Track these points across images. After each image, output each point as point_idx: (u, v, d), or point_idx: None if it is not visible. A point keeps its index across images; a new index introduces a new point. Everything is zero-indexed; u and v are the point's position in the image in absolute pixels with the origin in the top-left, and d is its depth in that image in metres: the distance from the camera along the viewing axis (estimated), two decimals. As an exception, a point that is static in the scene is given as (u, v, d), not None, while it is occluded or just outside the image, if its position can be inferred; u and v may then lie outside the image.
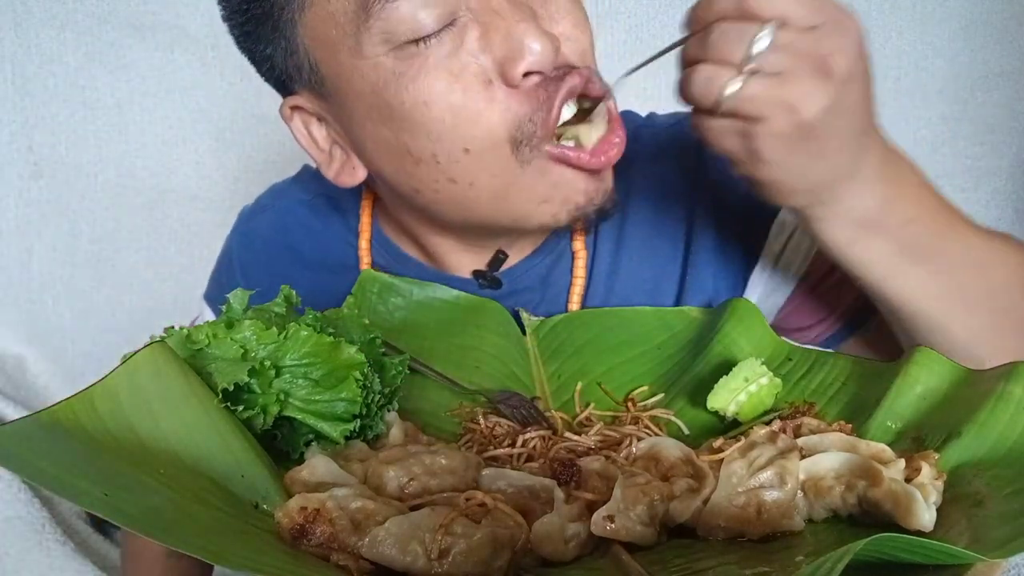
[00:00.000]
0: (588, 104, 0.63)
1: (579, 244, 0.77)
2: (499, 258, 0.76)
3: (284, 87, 0.68)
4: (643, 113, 0.84)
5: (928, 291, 0.60)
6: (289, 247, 0.84)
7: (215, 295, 0.90)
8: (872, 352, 0.73)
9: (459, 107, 0.59)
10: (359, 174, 0.70)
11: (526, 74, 0.58)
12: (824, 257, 0.75)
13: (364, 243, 0.81)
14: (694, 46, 0.52)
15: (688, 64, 0.52)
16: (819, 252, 0.75)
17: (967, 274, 0.60)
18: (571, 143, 0.63)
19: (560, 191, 0.64)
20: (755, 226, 0.75)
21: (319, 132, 0.69)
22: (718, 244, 0.75)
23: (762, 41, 0.48)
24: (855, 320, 0.75)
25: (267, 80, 0.70)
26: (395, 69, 0.59)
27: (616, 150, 0.63)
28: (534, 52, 0.58)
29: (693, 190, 0.77)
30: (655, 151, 0.79)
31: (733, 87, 0.49)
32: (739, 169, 0.55)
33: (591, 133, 0.63)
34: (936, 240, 0.59)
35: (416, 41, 0.58)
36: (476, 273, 0.76)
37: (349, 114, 0.64)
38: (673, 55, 0.55)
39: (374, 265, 0.80)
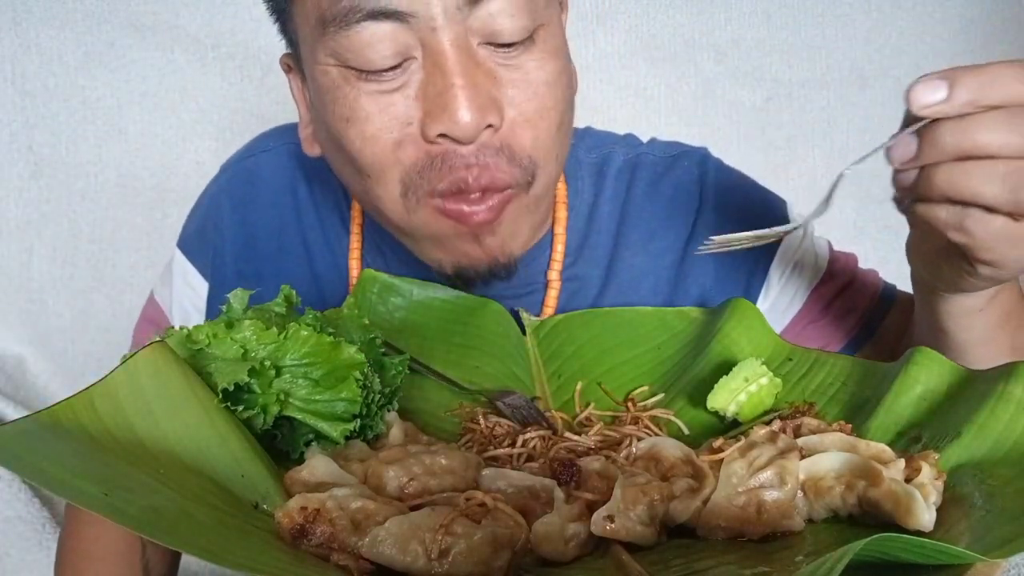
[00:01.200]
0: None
1: (554, 274, 0.78)
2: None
3: (288, 41, 0.70)
4: (640, 120, 0.86)
5: (1004, 350, 0.61)
6: (293, 191, 0.83)
7: (194, 246, 0.86)
8: None
9: (369, 137, 0.61)
10: (316, 149, 0.71)
11: (441, 135, 0.59)
12: (832, 282, 0.78)
13: (355, 228, 0.81)
14: (989, 126, 0.43)
15: (963, 147, 0.44)
16: (826, 277, 0.78)
17: None
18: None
19: (446, 243, 0.66)
20: (756, 271, 0.77)
21: (304, 91, 0.70)
22: (715, 282, 0.77)
23: None
24: (854, 342, 0.77)
25: (279, 30, 0.71)
26: (336, 82, 0.61)
27: (493, 207, 0.62)
28: (455, 121, 0.58)
29: (695, 225, 0.78)
30: (653, 180, 0.80)
31: None
32: (976, 255, 0.49)
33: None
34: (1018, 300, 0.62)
35: (361, 71, 0.59)
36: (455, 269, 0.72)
37: (311, 94, 0.67)
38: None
39: (364, 241, 0.81)
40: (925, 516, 0.40)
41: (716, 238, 0.55)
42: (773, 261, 0.77)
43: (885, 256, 0.92)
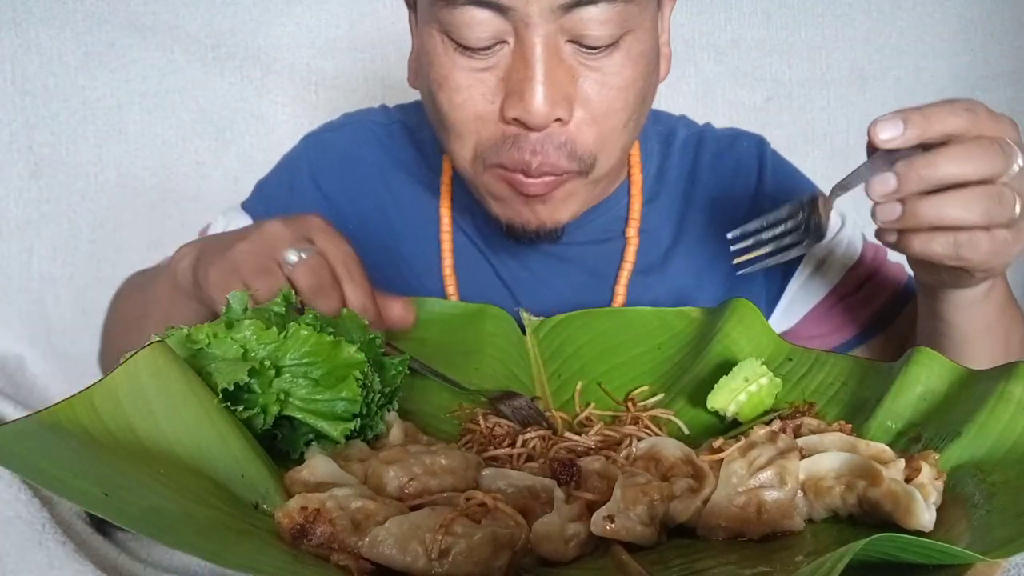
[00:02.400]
0: None
1: (632, 231, 0.84)
2: None
3: None
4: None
5: (1007, 340, 0.67)
6: (361, 160, 0.89)
7: (266, 209, 0.89)
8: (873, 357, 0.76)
9: (457, 105, 0.67)
10: (416, 84, 0.77)
11: (515, 119, 0.65)
12: (858, 271, 0.82)
13: (446, 179, 0.86)
14: (951, 159, 0.52)
15: (926, 184, 0.53)
16: (855, 266, 0.82)
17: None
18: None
19: (503, 202, 0.73)
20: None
21: (417, 29, 0.75)
22: None
23: (1018, 156, 0.52)
24: (868, 332, 0.81)
25: None
26: (436, 48, 0.67)
27: (549, 183, 0.69)
28: (528, 110, 0.64)
29: (753, 201, 0.83)
30: (717, 153, 0.88)
31: (1020, 202, 0.53)
32: (974, 271, 0.58)
33: None
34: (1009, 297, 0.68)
35: (458, 44, 0.65)
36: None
37: (418, 42, 0.73)
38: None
39: (453, 203, 0.86)
40: (925, 516, 0.40)
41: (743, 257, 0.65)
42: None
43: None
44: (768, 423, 0.51)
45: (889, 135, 0.53)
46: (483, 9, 0.63)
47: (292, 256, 0.60)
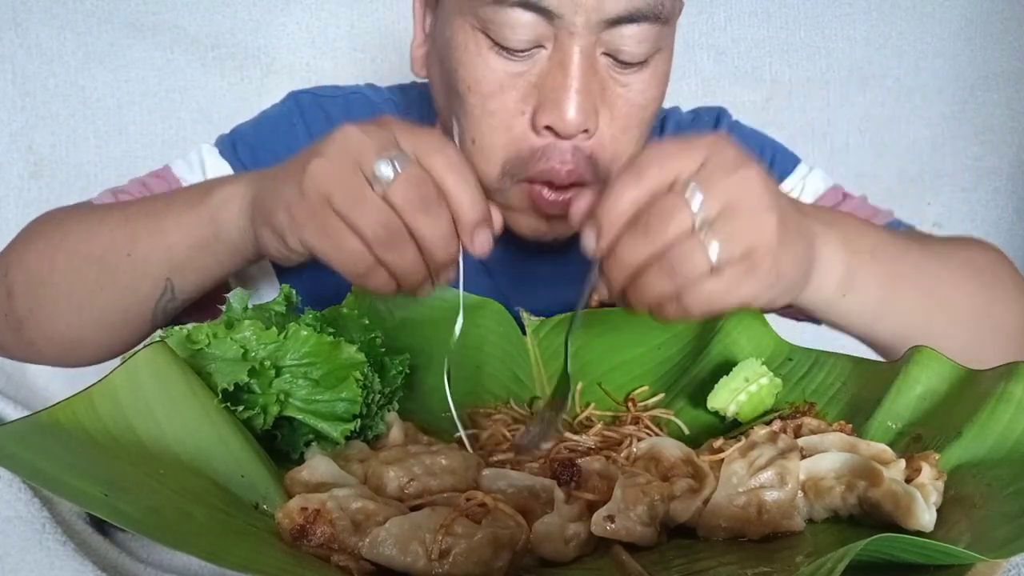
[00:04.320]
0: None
1: None
2: None
3: None
4: None
5: (911, 315, 0.64)
6: None
7: (239, 153, 0.83)
8: None
9: (488, 111, 0.66)
10: (423, 72, 0.76)
11: (546, 126, 0.64)
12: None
13: None
14: (625, 247, 0.50)
15: (626, 274, 0.51)
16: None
17: (942, 287, 0.65)
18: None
19: (520, 216, 0.71)
20: None
21: (427, 17, 0.75)
22: None
23: (696, 198, 0.49)
24: None
25: None
26: (469, 45, 0.65)
27: (573, 202, 0.65)
28: (563, 118, 0.63)
29: None
30: (678, 129, 0.89)
31: (714, 249, 0.49)
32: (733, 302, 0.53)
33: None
34: (902, 255, 0.64)
35: (498, 43, 0.64)
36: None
37: (437, 31, 0.71)
38: None
39: None
40: (925, 516, 0.40)
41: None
42: None
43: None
44: (768, 423, 0.51)
45: (592, 246, 0.51)
46: (530, 12, 0.62)
47: (386, 169, 0.51)
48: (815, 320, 0.83)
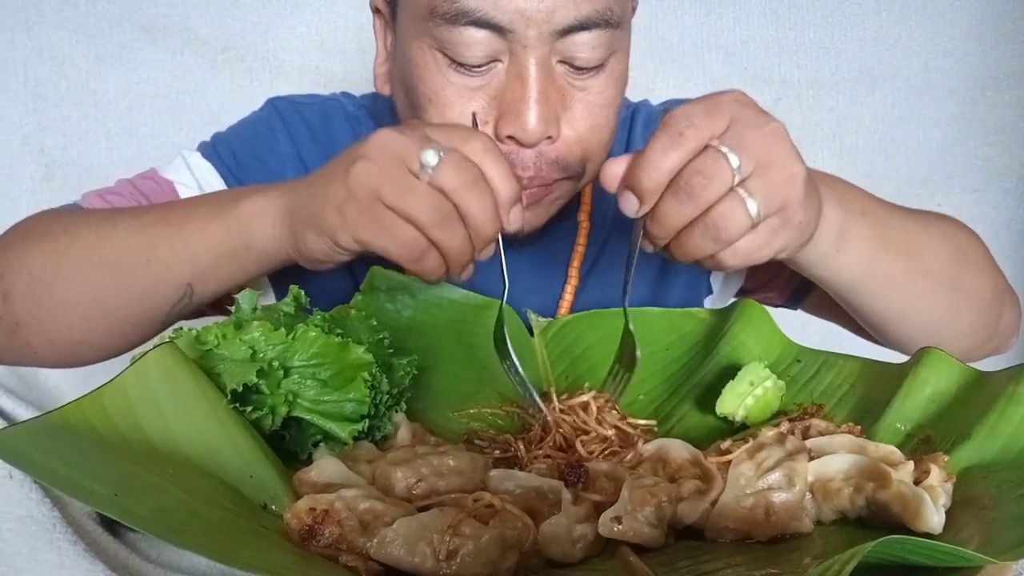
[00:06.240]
0: None
1: (583, 215, 0.85)
2: None
3: None
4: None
5: (896, 278, 0.65)
6: (332, 137, 0.87)
7: (223, 158, 0.85)
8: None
9: (451, 121, 0.67)
10: (387, 89, 0.78)
11: (509, 136, 0.66)
12: None
13: None
14: (671, 210, 0.51)
15: (670, 234, 0.52)
16: None
17: (924, 251, 0.67)
18: None
19: None
20: None
21: (387, 36, 0.77)
22: None
23: (732, 155, 0.50)
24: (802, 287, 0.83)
25: None
26: (428, 63, 0.67)
27: (536, 192, 0.70)
28: (524, 128, 0.65)
29: None
30: (647, 123, 0.90)
31: (752, 206, 0.51)
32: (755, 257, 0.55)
33: None
34: (887, 217, 0.66)
35: (453, 61, 0.66)
36: None
37: (397, 51, 0.73)
38: None
39: None
40: (934, 518, 0.40)
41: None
42: None
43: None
44: (776, 425, 0.51)
45: (634, 209, 0.52)
46: (483, 29, 0.64)
47: (431, 157, 0.53)
48: (791, 305, 0.86)
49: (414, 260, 0.54)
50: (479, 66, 0.66)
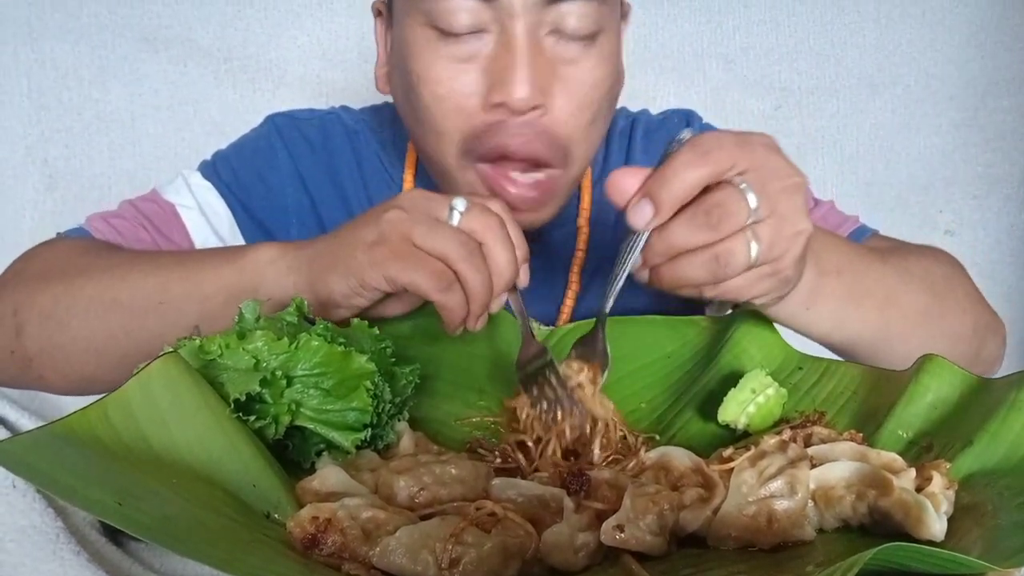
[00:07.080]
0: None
1: (583, 221, 0.87)
2: None
3: None
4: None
5: (868, 326, 0.67)
6: (333, 151, 0.89)
7: (224, 177, 0.86)
8: None
9: (438, 97, 0.69)
10: (387, 89, 0.80)
11: (498, 104, 0.67)
12: None
13: (409, 176, 0.88)
14: (682, 232, 0.52)
15: (670, 254, 0.53)
16: None
17: (900, 299, 0.68)
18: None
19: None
20: None
21: (388, 39, 0.79)
22: None
23: (751, 196, 0.51)
24: None
25: None
26: (419, 41, 0.69)
27: (534, 195, 0.72)
28: (512, 93, 0.66)
29: None
30: (647, 132, 0.92)
31: (754, 250, 0.52)
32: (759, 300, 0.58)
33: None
34: (864, 271, 0.67)
35: (443, 31, 0.67)
36: None
37: (395, 45, 0.75)
38: None
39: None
40: (936, 526, 0.40)
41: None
42: None
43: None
44: (778, 432, 0.51)
45: (645, 220, 0.52)
46: None
47: (460, 204, 0.59)
48: None
49: (441, 290, 0.57)
50: (466, 35, 0.67)
